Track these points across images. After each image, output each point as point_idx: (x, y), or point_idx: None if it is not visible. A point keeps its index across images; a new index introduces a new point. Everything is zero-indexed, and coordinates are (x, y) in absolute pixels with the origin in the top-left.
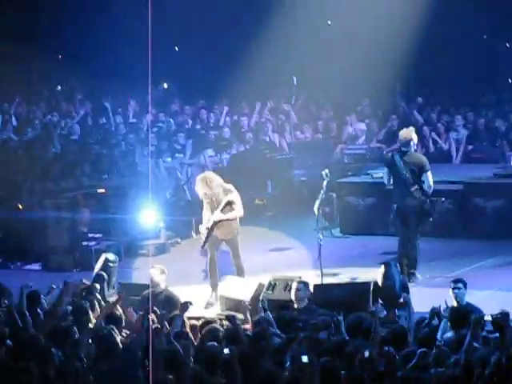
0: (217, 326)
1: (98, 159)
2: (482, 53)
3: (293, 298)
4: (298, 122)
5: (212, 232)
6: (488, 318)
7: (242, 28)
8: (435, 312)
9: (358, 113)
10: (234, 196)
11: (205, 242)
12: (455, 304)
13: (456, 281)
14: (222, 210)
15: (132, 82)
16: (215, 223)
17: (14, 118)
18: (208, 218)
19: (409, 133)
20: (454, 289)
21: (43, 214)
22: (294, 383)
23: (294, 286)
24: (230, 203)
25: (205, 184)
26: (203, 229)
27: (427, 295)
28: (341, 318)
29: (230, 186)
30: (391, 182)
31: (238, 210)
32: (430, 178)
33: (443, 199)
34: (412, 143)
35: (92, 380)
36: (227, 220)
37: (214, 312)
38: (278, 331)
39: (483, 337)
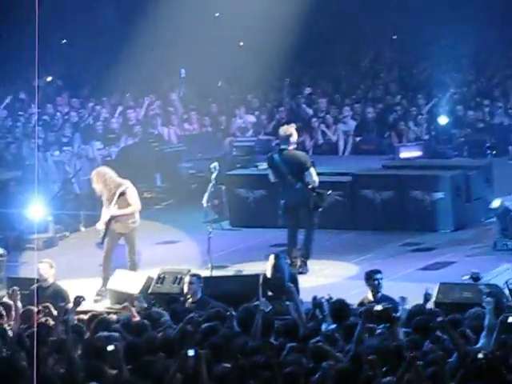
0: (107, 317)
1: None
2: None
3: (186, 291)
4: (185, 114)
5: (109, 227)
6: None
7: (128, 20)
8: (317, 303)
9: (247, 105)
10: (130, 190)
11: (103, 237)
12: (371, 296)
13: (376, 271)
14: (117, 205)
15: (18, 74)
16: (112, 218)
17: None
18: (105, 211)
19: (288, 129)
20: (374, 280)
21: None
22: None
23: (187, 279)
24: (123, 195)
25: (99, 180)
26: (101, 224)
27: (317, 287)
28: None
29: (125, 181)
30: (276, 179)
31: (135, 205)
32: (312, 174)
33: (330, 191)
34: (291, 139)
35: None
36: (124, 215)
37: (104, 305)
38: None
39: (370, 328)
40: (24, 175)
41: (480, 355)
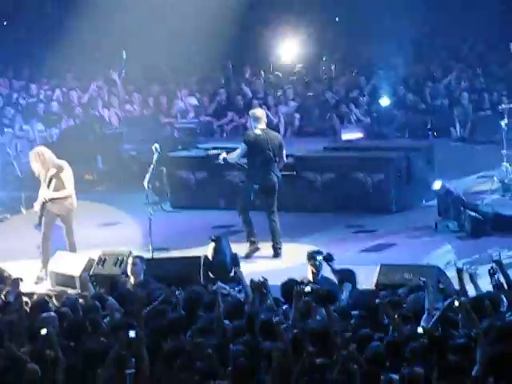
0: (46, 298)
1: None
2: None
3: (129, 272)
4: (126, 96)
5: (45, 208)
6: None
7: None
8: (258, 284)
9: (188, 87)
10: (66, 172)
11: (40, 219)
12: (311, 277)
13: (318, 252)
14: (50, 187)
15: None
16: (46, 200)
17: None
18: (42, 193)
19: (260, 110)
20: (315, 260)
21: None
22: (120, 359)
23: (130, 260)
24: (58, 176)
25: (37, 159)
26: (37, 206)
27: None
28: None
29: (63, 162)
30: (244, 160)
31: (69, 187)
32: (285, 154)
33: (295, 173)
34: (265, 120)
35: None
36: (59, 198)
37: (45, 288)
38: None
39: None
40: None
41: (420, 330)
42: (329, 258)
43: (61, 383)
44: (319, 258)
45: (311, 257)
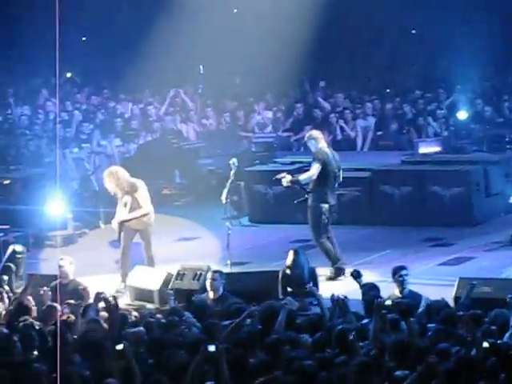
0: (126, 313)
1: (4, 150)
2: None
3: (208, 287)
4: (203, 110)
5: (124, 224)
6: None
7: (146, 17)
8: (336, 300)
9: (265, 102)
10: (140, 192)
11: (119, 235)
12: (397, 292)
13: (401, 267)
14: (127, 207)
15: (37, 72)
16: (124, 221)
17: None
18: (119, 210)
19: (316, 131)
20: (399, 276)
21: None
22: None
23: (210, 275)
24: (129, 198)
25: (111, 179)
26: (115, 223)
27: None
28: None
29: (137, 181)
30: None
31: (145, 206)
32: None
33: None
34: (324, 139)
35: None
36: (134, 218)
37: (123, 302)
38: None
39: (392, 322)
40: (43, 172)
41: (485, 344)
42: (356, 275)
43: None
44: (404, 272)
45: (395, 273)
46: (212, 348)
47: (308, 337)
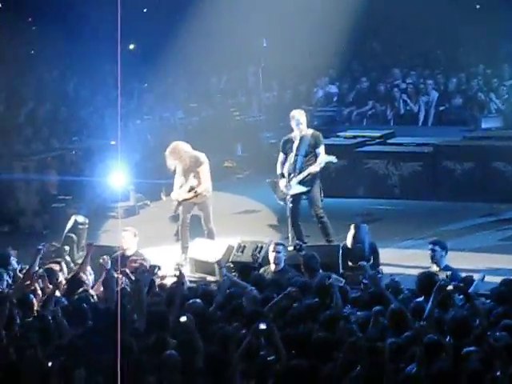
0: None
1: (68, 121)
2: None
3: (271, 260)
4: (266, 84)
5: (183, 199)
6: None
7: None
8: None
9: (328, 76)
10: (203, 167)
11: (176, 207)
12: (434, 266)
13: (433, 242)
14: (188, 180)
15: (98, 43)
16: (183, 200)
17: None
18: (180, 184)
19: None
20: (431, 250)
21: (12, 176)
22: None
23: (273, 248)
24: (190, 171)
25: (174, 156)
26: (175, 195)
27: (399, 256)
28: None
29: (200, 155)
30: None
31: (205, 182)
32: None
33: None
34: None
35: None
36: (193, 196)
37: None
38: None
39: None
40: (106, 144)
41: None
42: (299, 249)
43: (200, 371)
44: (431, 247)
45: (431, 247)
46: (263, 326)
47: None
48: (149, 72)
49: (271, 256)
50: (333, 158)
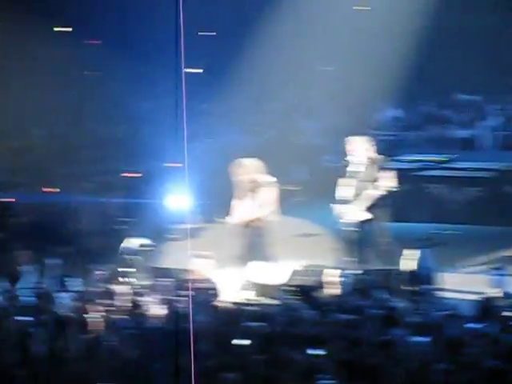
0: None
1: (128, 142)
2: None
3: (328, 284)
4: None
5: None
6: None
7: None
8: None
9: (390, 99)
10: (269, 189)
11: (238, 229)
12: (497, 291)
13: (496, 268)
14: (256, 202)
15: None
16: (249, 220)
17: None
18: (242, 206)
19: None
20: (494, 275)
21: (74, 198)
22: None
23: (331, 272)
24: (258, 193)
25: (243, 171)
26: (234, 220)
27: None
28: None
29: (268, 178)
30: None
31: (270, 206)
32: None
33: None
34: None
35: None
36: (258, 217)
37: (247, 297)
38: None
39: None
40: (168, 166)
41: None
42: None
43: None
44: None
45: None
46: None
47: None
48: (212, 93)
49: (328, 280)
50: (394, 183)
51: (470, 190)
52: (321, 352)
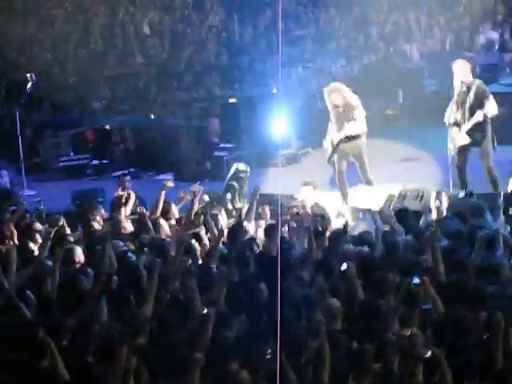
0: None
1: (228, 69)
2: None
3: (433, 208)
4: (428, 30)
5: (337, 147)
6: None
7: None
8: None
9: (491, 21)
10: (357, 111)
11: (330, 157)
12: None
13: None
14: (343, 125)
15: None
16: (339, 142)
17: None
18: (334, 130)
19: None
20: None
21: (175, 123)
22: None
23: (434, 196)
24: (346, 116)
25: (338, 94)
26: (328, 143)
27: None
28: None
29: (357, 101)
30: None
31: (361, 127)
32: None
33: None
34: None
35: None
36: (349, 136)
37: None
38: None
39: None
40: (267, 92)
41: None
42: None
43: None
44: None
45: None
46: (416, 280)
47: None
48: (310, 19)
49: (432, 204)
50: (496, 107)
51: None
52: (416, 281)
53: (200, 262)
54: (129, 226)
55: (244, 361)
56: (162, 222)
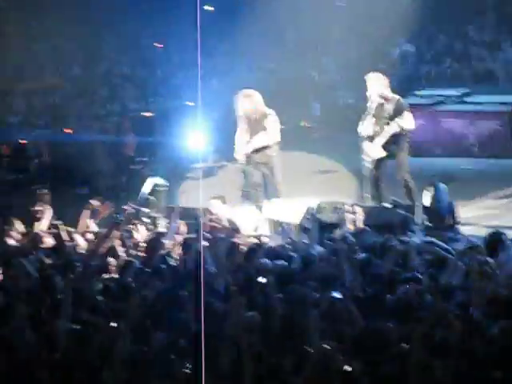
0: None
1: (144, 82)
2: None
3: (347, 220)
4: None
5: (249, 159)
6: None
7: None
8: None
9: (405, 34)
10: (271, 120)
11: (245, 165)
12: None
13: None
14: (256, 134)
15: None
16: (252, 151)
17: None
18: (244, 141)
19: None
20: None
21: (90, 138)
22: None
23: (348, 208)
24: (258, 125)
25: (250, 101)
26: (240, 155)
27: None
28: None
29: (270, 111)
30: None
31: (273, 137)
32: None
33: None
34: None
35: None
36: (261, 147)
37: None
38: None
39: None
40: (183, 105)
41: None
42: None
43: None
44: None
45: None
46: (337, 295)
47: None
48: (226, 32)
49: (348, 216)
50: (412, 120)
51: (486, 123)
52: (337, 296)
53: (115, 275)
54: (48, 241)
55: (162, 374)
56: (77, 236)
